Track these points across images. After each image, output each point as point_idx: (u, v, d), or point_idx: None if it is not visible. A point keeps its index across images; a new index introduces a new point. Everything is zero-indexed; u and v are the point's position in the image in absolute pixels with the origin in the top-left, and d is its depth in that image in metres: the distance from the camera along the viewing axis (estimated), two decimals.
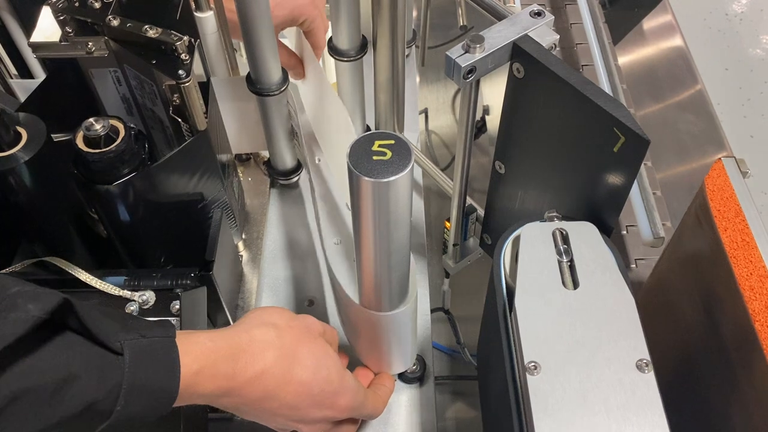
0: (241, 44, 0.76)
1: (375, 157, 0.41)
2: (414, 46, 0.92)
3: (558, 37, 0.46)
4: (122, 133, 0.53)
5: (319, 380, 0.48)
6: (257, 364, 0.45)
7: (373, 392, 0.57)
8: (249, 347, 0.46)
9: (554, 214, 0.46)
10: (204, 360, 0.42)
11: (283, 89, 0.66)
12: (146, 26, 0.56)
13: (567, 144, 0.47)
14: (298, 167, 0.78)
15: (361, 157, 0.41)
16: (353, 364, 0.60)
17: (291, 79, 0.77)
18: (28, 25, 0.71)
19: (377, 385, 0.58)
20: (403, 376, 0.64)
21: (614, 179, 0.44)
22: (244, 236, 0.75)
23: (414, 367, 0.63)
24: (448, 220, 0.64)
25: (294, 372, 0.47)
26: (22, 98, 0.66)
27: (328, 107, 0.69)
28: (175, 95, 0.57)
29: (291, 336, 0.48)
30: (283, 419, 0.48)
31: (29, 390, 0.34)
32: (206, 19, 0.65)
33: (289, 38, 0.75)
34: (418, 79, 0.95)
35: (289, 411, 0.48)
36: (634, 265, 0.73)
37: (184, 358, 0.41)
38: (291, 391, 0.47)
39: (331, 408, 0.50)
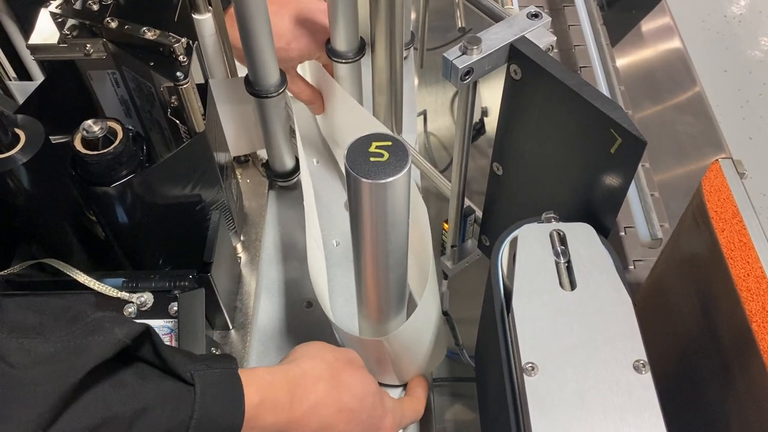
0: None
1: (372, 159, 0.41)
2: (412, 48, 0.92)
3: (555, 38, 0.46)
4: (120, 134, 0.53)
5: (366, 407, 0.50)
6: (311, 396, 0.47)
7: (409, 398, 0.60)
8: (302, 380, 0.47)
9: (552, 215, 0.47)
10: (264, 392, 0.44)
11: (281, 91, 0.66)
12: (144, 28, 0.56)
13: (564, 145, 0.47)
14: (296, 169, 0.78)
15: (358, 159, 0.41)
16: None
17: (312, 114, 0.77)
18: (27, 27, 0.71)
19: (412, 388, 0.61)
20: None
21: (611, 180, 0.44)
22: (242, 238, 0.75)
23: None
24: (446, 221, 0.64)
25: (344, 401, 0.49)
26: (21, 100, 0.66)
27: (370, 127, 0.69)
28: (173, 97, 0.57)
29: (338, 367, 0.50)
30: None
31: (110, 419, 0.34)
32: (204, 21, 0.65)
33: (306, 73, 0.75)
34: (416, 81, 0.95)
35: None
36: (632, 267, 0.73)
37: (247, 389, 0.42)
38: (343, 419, 0.49)
39: (378, 430, 0.52)
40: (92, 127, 0.52)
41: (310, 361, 0.49)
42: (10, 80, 0.74)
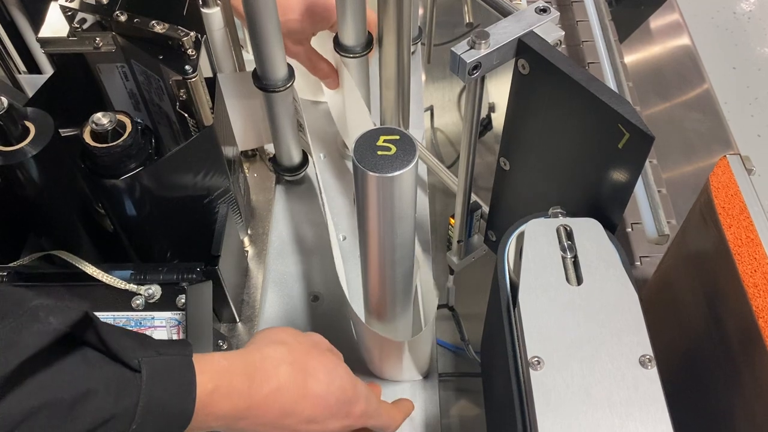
0: (248, 40, 0.76)
1: (380, 152, 0.42)
2: (420, 43, 0.92)
3: (563, 33, 0.46)
4: (129, 127, 0.53)
5: (333, 391, 0.49)
6: (272, 381, 0.45)
7: (393, 404, 0.57)
8: (262, 365, 0.46)
9: (558, 210, 0.47)
10: (219, 379, 0.42)
11: (288, 85, 0.66)
12: (153, 22, 0.56)
13: (572, 140, 0.47)
14: (303, 163, 0.78)
15: (365, 152, 0.42)
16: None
17: (325, 89, 0.77)
18: (37, 20, 0.71)
19: (399, 400, 0.59)
20: None
21: (619, 176, 0.44)
22: (249, 232, 0.76)
23: None
24: (453, 216, 0.64)
25: (309, 385, 0.47)
26: (30, 93, 0.67)
27: (356, 116, 0.69)
28: (182, 90, 0.57)
29: (301, 351, 0.49)
30: None
31: (47, 404, 0.34)
32: (213, 15, 0.65)
33: (321, 46, 0.75)
34: (423, 77, 0.95)
35: (308, 425, 0.48)
36: (638, 263, 0.73)
37: (199, 376, 0.41)
38: (308, 404, 0.47)
39: (348, 416, 0.50)
40: (101, 120, 0.52)
41: (272, 345, 0.48)
42: (20, 73, 0.75)
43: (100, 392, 0.36)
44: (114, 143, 0.52)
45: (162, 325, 0.54)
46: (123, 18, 0.57)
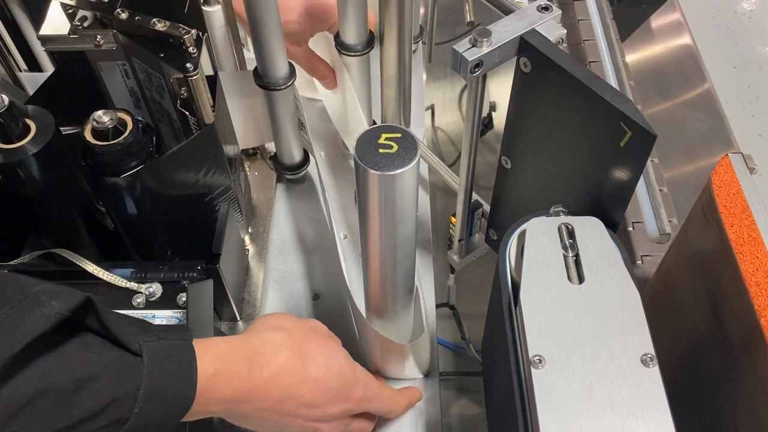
0: (249, 39, 0.76)
1: (381, 150, 0.41)
2: (421, 42, 0.92)
3: (565, 31, 0.46)
4: (130, 125, 0.53)
5: (332, 375, 0.49)
6: (272, 365, 0.46)
7: (398, 390, 0.58)
8: (262, 349, 0.46)
9: (560, 208, 0.47)
10: (219, 363, 0.43)
11: (290, 84, 0.66)
12: (154, 19, 0.56)
13: (573, 138, 0.47)
14: (304, 162, 0.78)
15: (367, 150, 0.41)
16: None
17: (320, 89, 0.77)
18: (37, 18, 0.71)
19: (406, 388, 0.60)
20: None
21: (621, 174, 0.44)
22: (250, 230, 0.75)
23: None
24: (454, 215, 0.64)
25: (308, 369, 0.48)
26: (31, 91, 0.66)
27: (350, 118, 0.69)
28: (183, 88, 0.57)
29: (300, 336, 0.49)
30: (302, 420, 0.49)
31: (49, 389, 0.34)
32: (214, 13, 0.65)
33: (318, 46, 0.75)
34: (425, 76, 0.95)
35: (308, 410, 0.48)
36: (639, 262, 0.72)
37: (200, 360, 0.41)
38: (308, 388, 0.48)
39: (347, 400, 0.51)
40: (102, 117, 0.52)
41: (271, 330, 0.48)
42: (21, 71, 0.74)
43: (101, 377, 0.36)
44: (115, 141, 0.52)
45: (163, 324, 0.54)
46: (124, 16, 0.57)
